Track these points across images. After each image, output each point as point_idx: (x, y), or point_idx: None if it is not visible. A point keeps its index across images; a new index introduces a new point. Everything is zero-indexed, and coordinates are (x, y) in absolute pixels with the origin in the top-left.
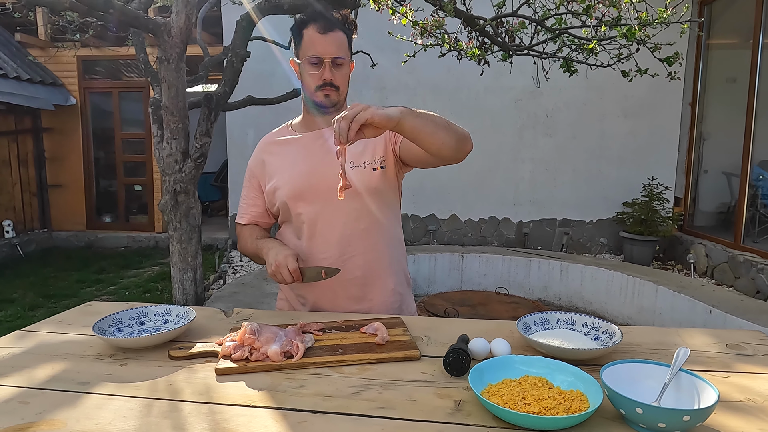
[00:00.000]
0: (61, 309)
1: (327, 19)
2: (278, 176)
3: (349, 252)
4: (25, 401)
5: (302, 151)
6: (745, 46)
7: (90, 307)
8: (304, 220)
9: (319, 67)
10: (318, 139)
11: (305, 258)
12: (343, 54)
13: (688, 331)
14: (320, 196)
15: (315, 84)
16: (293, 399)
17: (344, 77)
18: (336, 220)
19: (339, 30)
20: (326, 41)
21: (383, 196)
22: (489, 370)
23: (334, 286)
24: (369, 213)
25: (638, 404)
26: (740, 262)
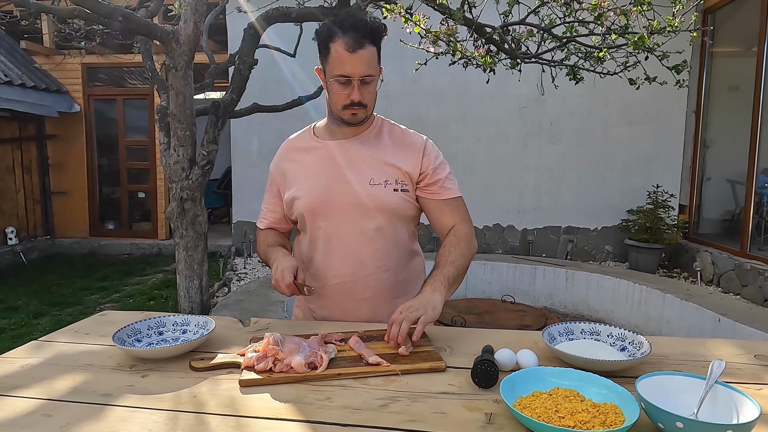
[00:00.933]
0: (65, 316)
1: (356, 32)
2: (297, 186)
3: (362, 272)
4: (48, 414)
5: (323, 163)
6: (748, 54)
7: (105, 316)
8: (319, 235)
9: (347, 87)
10: (342, 149)
11: (318, 273)
12: (372, 71)
13: (714, 342)
14: (336, 212)
15: (342, 103)
16: (321, 412)
17: (372, 94)
18: (350, 238)
19: (369, 44)
20: (355, 60)
21: (401, 216)
22: (519, 382)
23: (345, 306)
24: (384, 233)
25: (679, 418)
26: (747, 270)
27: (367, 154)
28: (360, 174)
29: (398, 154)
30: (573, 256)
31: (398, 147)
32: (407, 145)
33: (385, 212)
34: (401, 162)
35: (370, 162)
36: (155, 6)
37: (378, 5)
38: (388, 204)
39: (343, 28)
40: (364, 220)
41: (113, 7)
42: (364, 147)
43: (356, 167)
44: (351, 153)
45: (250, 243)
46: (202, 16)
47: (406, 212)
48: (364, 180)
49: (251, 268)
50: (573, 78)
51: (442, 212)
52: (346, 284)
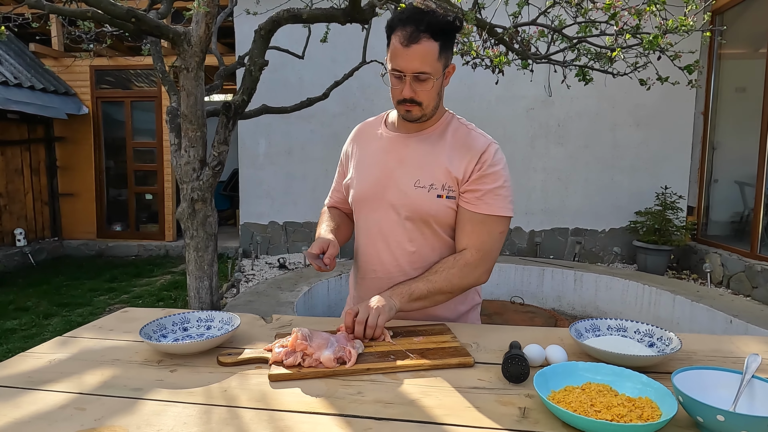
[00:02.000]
0: (75, 317)
1: (415, 25)
2: (355, 173)
3: (397, 272)
4: (81, 407)
5: (380, 155)
6: (756, 55)
7: (126, 313)
8: (363, 226)
9: (400, 81)
10: (399, 144)
11: (360, 263)
12: (427, 68)
13: (742, 339)
14: (381, 208)
15: (396, 98)
16: (353, 406)
17: (428, 93)
18: (390, 237)
19: (427, 39)
20: (408, 55)
21: (442, 223)
22: (552, 377)
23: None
24: (424, 237)
25: (720, 411)
26: (758, 271)
27: (421, 152)
28: (408, 173)
29: (454, 156)
30: (581, 257)
31: (456, 149)
32: (466, 148)
33: (422, 216)
34: (453, 165)
35: (421, 161)
36: (165, 8)
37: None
38: (427, 210)
39: (402, 20)
40: (405, 221)
41: (127, 9)
42: (421, 145)
43: (407, 165)
44: (407, 150)
45: (257, 244)
46: (213, 17)
47: (447, 220)
48: (410, 180)
49: (258, 269)
50: (582, 79)
51: (464, 227)
52: (381, 281)
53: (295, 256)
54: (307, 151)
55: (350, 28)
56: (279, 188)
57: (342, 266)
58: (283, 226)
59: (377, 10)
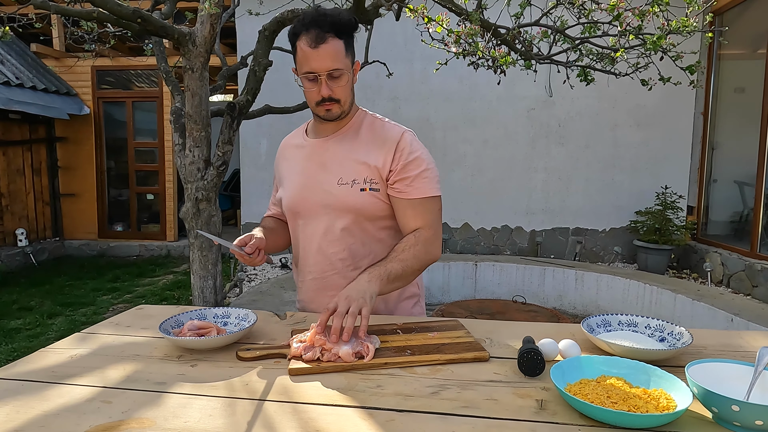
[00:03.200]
0: (79, 317)
1: (319, 28)
2: (284, 185)
3: (330, 270)
4: (107, 401)
5: (303, 162)
6: (756, 56)
7: (142, 310)
8: (297, 232)
9: (315, 83)
10: (319, 149)
11: (299, 268)
12: (339, 65)
13: (751, 333)
14: (309, 211)
15: (314, 100)
16: (374, 398)
17: (344, 88)
18: (320, 237)
19: (333, 38)
20: (319, 55)
21: (369, 215)
22: (569, 370)
23: (320, 300)
24: (352, 233)
25: (735, 401)
26: (758, 270)
27: (340, 152)
28: (330, 173)
29: (371, 150)
30: (581, 257)
31: (373, 142)
32: (381, 140)
33: (350, 212)
34: (372, 159)
35: (341, 161)
36: (168, 9)
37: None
38: (354, 204)
39: (305, 25)
40: (332, 220)
41: (132, 9)
42: (339, 145)
43: (328, 167)
44: (327, 152)
45: None
46: (218, 18)
47: (375, 212)
48: (332, 180)
49: (260, 269)
50: (584, 79)
51: (406, 213)
52: (318, 281)
53: None
54: None
55: None
56: None
57: None
58: None
59: (381, 11)
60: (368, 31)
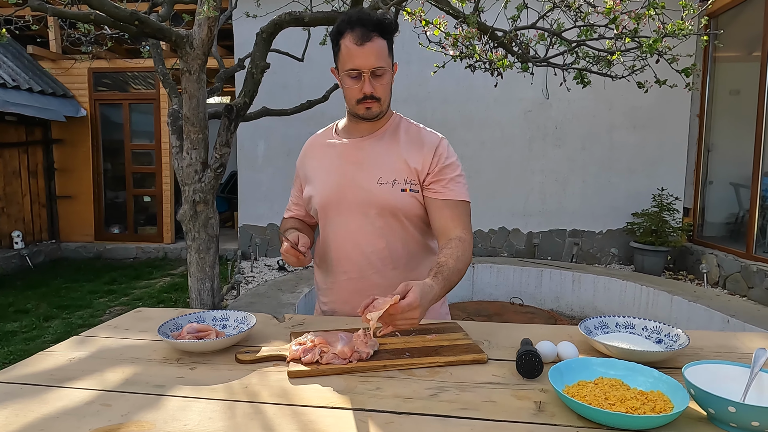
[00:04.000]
0: (76, 319)
1: (364, 26)
2: (314, 183)
3: (369, 269)
4: (106, 404)
5: (338, 160)
6: (750, 58)
7: (140, 312)
8: (330, 231)
9: (358, 81)
10: (355, 148)
11: (330, 268)
12: (382, 63)
13: (747, 335)
14: (346, 210)
15: (355, 98)
16: (373, 401)
17: (385, 87)
18: (358, 236)
19: (377, 37)
20: (364, 53)
21: (408, 215)
22: (567, 372)
23: (353, 302)
24: (392, 232)
25: (731, 403)
26: (753, 271)
27: (379, 152)
28: (369, 173)
29: (410, 152)
30: (578, 259)
31: (411, 145)
32: (420, 144)
33: (391, 211)
34: (411, 160)
35: (380, 161)
36: (166, 11)
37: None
38: (394, 203)
39: (351, 24)
40: (372, 219)
41: (130, 12)
42: (377, 145)
43: (366, 166)
44: (364, 151)
45: (257, 246)
46: (216, 20)
47: (414, 212)
48: (372, 179)
49: (258, 271)
50: (581, 82)
51: (443, 213)
52: (355, 281)
53: None
54: None
55: None
56: (278, 190)
57: None
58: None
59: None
60: None
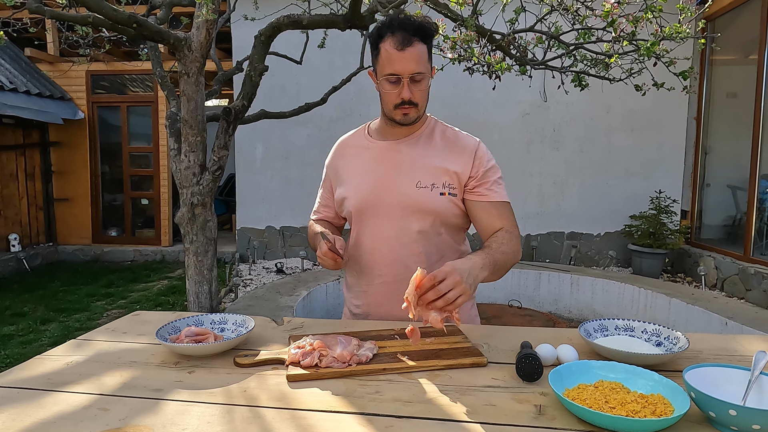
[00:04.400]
0: (73, 323)
1: (405, 31)
2: (347, 185)
3: (405, 273)
4: (104, 408)
5: (372, 163)
6: (747, 61)
7: (138, 316)
8: (365, 234)
9: (397, 86)
10: (391, 151)
11: (363, 271)
12: (422, 68)
13: (746, 337)
14: (382, 212)
15: (393, 102)
16: (373, 404)
17: (423, 92)
18: (394, 239)
19: (418, 42)
20: (404, 58)
21: (446, 220)
22: (567, 375)
23: (387, 306)
24: (428, 236)
25: (732, 406)
26: (751, 274)
27: (416, 155)
28: (407, 176)
29: (449, 155)
30: (576, 261)
31: (449, 149)
32: (459, 147)
33: (429, 215)
34: (451, 164)
35: (418, 164)
36: (164, 14)
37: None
38: (433, 207)
39: (392, 28)
40: (409, 222)
41: (128, 14)
42: (414, 149)
43: (404, 169)
44: (401, 154)
45: (255, 249)
46: (214, 23)
47: (452, 216)
48: (411, 182)
49: (256, 274)
50: (579, 84)
51: (490, 214)
52: (390, 284)
53: (293, 261)
54: (304, 156)
55: (348, 33)
56: (276, 193)
57: (340, 270)
58: (280, 230)
59: (377, 16)
60: (364, 36)
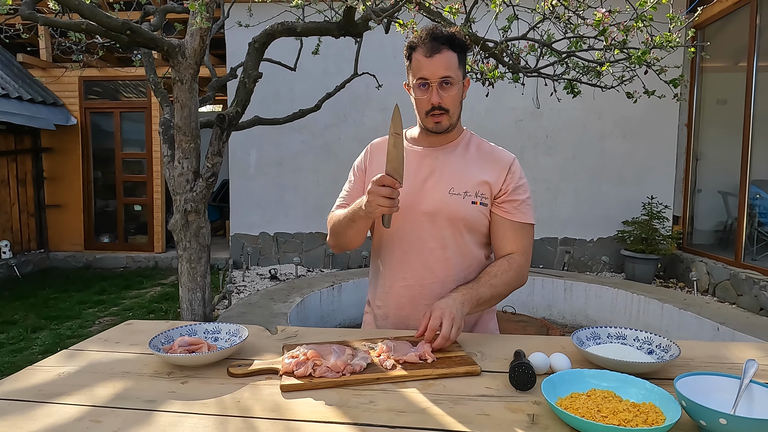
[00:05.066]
0: (64, 330)
1: (435, 40)
2: None
3: (429, 278)
4: (96, 419)
5: (408, 166)
6: (737, 68)
7: (131, 325)
8: (393, 236)
9: (426, 91)
10: (427, 156)
11: (388, 273)
12: (451, 74)
13: (737, 345)
14: (413, 216)
15: (424, 109)
16: (367, 414)
17: (453, 99)
18: (422, 244)
19: (447, 49)
20: (432, 63)
21: (475, 229)
22: (559, 384)
23: (407, 310)
24: (457, 243)
25: (723, 415)
26: (742, 279)
27: (450, 163)
28: (441, 182)
29: (484, 166)
30: (570, 267)
31: (485, 160)
32: (494, 159)
33: (459, 223)
34: (485, 174)
35: (452, 171)
36: (158, 20)
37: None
38: (464, 215)
39: (422, 38)
40: (439, 228)
41: (122, 21)
42: (449, 156)
43: (439, 175)
44: (437, 161)
45: (248, 256)
46: (208, 30)
47: (480, 226)
48: (444, 188)
49: (250, 280)
50: (571, 92)
51: (506, 234)
52: (413, 288)
53: (287, 267)
54: (298, 162)
55: (342, 40)
56: (270, 199)
57: (334, 277)
58: (274, 237)
59: (370, 24)
60: (357, 43)
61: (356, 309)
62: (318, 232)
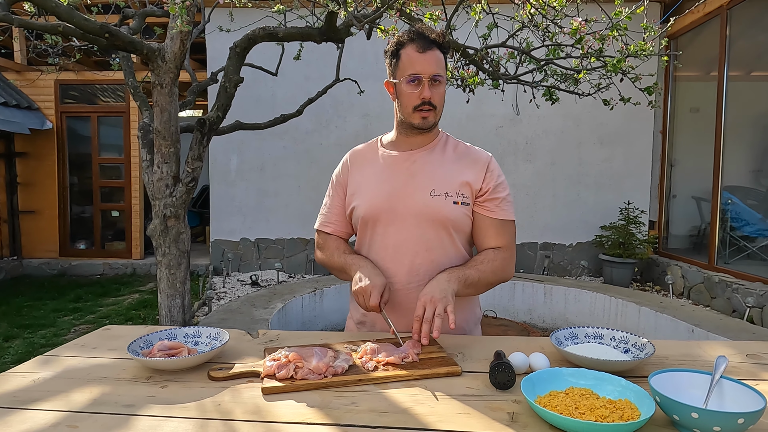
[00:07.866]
0: (39, 339)
1: (425, 38)
2: (361, 192)
3: (416, 281)
4: (73, 425)
5: (387, 171)
6: (708, 77)
7: (109, 330)
8: (376, 241)
9: (417, 86)
10: (405, 160)
11: None
12: (441, 72)
13: (709, 344)
14: (396, 220)
15: (413, 104)
16: (349, 416)
17: (441, 96)
18: (407, 247)
19: (437, 49)
20: (425, 59)
21: (458, 229)
22: (538, 382)
23: (393, 315)
24: (441, 244)
25: (694, 409)
26: (716, 282)
27: (430, 165)
28: (422, 184)
29: (462, 166)
30: (550, 271)
31: (462, 160)
32: (472, 159)
33: (443, 223)
34: (464, 174)
35: (432, 173)
36: (137, 24)
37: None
38: (447, 216)
39: (411, 35)
40: (422, 230)
41: (100, 24)
42: (427, 158)
43: (419, 177)
44: (415, 164)
45: (229, 262)
46: (188, 34)
47: (463, 226)
48: (425, 190)
49: (230, 286)
50: (550, 98)
51: (489, 232)
52: (399, 292)
53: (268, 273)
54: (279, 168)
55: (323, 46)
56: (251, 205)
57: (316, 282)
58: (255, 242)
59: (352, 30)
60: (339, 49)
61: (338, 315)
62: (300, 238)
